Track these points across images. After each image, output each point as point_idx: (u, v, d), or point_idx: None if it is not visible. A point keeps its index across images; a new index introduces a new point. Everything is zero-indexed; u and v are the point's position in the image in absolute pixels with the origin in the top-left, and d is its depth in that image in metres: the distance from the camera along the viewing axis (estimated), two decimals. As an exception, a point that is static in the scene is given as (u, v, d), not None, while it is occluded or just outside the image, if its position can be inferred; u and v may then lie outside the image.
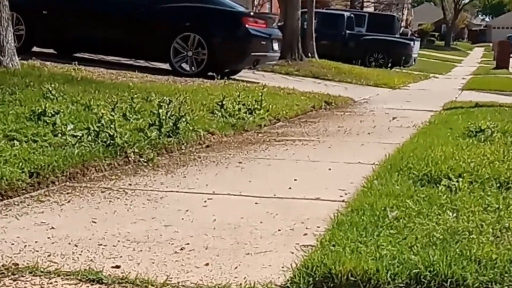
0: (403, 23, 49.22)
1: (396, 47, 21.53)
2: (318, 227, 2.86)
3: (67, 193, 3.40)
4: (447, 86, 15.77)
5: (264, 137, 5.67)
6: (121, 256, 2.46)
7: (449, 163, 3.85)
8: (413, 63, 23.04)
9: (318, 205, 3.29)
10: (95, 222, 2.90)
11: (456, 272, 2.18)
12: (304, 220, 2.99)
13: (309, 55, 17.19)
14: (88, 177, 3.77)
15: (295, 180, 3.87)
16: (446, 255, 2.29)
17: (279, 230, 2.83)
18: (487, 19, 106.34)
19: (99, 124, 4.38)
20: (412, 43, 22.56)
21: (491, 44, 60.77)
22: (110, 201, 3.29)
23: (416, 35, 33.01)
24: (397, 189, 3.27)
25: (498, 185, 3.45)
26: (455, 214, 2.84)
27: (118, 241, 2.64)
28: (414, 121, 6.88)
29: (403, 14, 53.79)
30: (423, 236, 2.52)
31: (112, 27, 10.98)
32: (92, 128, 4.34)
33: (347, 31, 21.30)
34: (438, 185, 3.41)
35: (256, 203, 3.30)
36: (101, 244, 2.59)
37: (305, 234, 2.78)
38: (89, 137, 4.24)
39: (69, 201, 3.25)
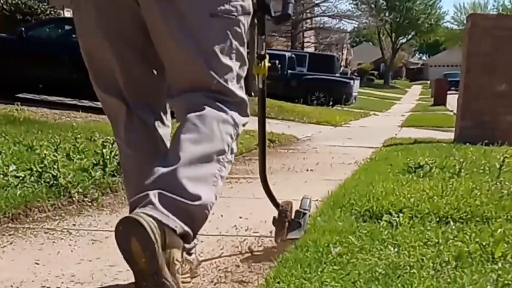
0: (343, 63, 50.25)
1: (337, 86, 21.96)
2: (264, 264, 2.88)
3: (9, 235, 3.34)
4: (387, 123, 16.11)
5: (208, 176, 5.68)
6: (65, 298, 2.44)
7: (390, 198, 3.93)
8: (354, 101, 23.50)
9: (263, 242, 3.32)
10: (38, 264, 2.86)
11: (398, 305, 2.23)
12: (250, 258, 3.02)
13: (252, 94, 17.33)
14: (31, 218, 3.72)
15: (240, 217, 3.90)
16: (388, 289, 2.34)
17: (226, 267, 2.85)
18: (424, 57, 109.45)
19: (42, 165, 4.34)
20: (352, 81, 23.05)
21: (428, 82, 62.48)
22: (53, 242, 3.25)
23: (355, 74, 33.70)
24: (340, 225, 3.33)
25: (437, 219, 3.54)
26: (396, 249, 2.90)
27: (62, 282, 2.61)
28: (355, 158, 7.01)
29: (342, 53, 54.96)
30: (365, 272, 2.56)
31: (56, 68, 10.93)
32: (34, 169, 4.29)
33: (289, 71, 21.61)
34: (379, 220, 3.48)
35: (202, 241, 3.31)
36: (44, 286, 2.55)
37: (251, 272, 2.80)
38: (32, 178, 4.20)
39: (11, 243, 3.20)
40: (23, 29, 11.39)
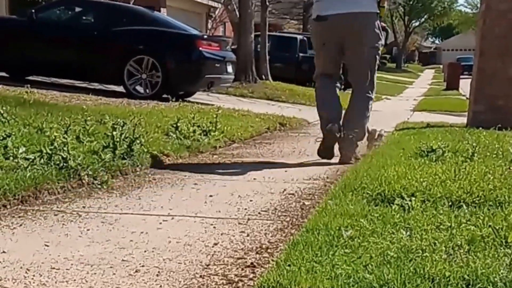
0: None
1: (349, 69, 21.74)
2: (275, 247, 2.86)
3: (19, 217, 3.34)
4: (399, 107, 16.03)
5: (219, 159, 5.67)
6: (74, 280, 2.42)
7: (402, 182, 3.89)
8: (366, 85, 23.28)
9: (274, 226, 3.30)
10: (47, 246, 2.85)
11: (410, 289, 2.20)
12: (260, 241, 3.00)
13: (263, 77, 17.29)
14: (40, 200, 3.71)
15: (251, 201, 3.88)
16: (401, 273, 2.31)
17: (235, 251, 2.83)
18: (437, 41, 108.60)
19: (52, 147, 4.31)
20: (364, 65, 22.81)
21: (441, 66, 62.08)
22: (63, 224, 3.24)
23: (368, 57, 33.39)
24: (351, 209, 3.30)
25: (450, 203, 3.50)
26: (408, 233, 2.87)
27: (72, 264, 2.60)
28: (367, 142, 6.94)
29: (355, 37, 54.51)
30: (377, 255, 2.54)
31: (66, 51, 10.92)
32: (44, 151, 4.27)
33: (300, 54, 21.48)
34: (391, 204, 3.45)
35: (211, 225, 3.30)
36: (53, 268, 2.54)
37: (261, 254, 2.78)
38: (42, 160, 4.18)
39: (21, 225, 3.20)
40: (33, 11, 11.38)
